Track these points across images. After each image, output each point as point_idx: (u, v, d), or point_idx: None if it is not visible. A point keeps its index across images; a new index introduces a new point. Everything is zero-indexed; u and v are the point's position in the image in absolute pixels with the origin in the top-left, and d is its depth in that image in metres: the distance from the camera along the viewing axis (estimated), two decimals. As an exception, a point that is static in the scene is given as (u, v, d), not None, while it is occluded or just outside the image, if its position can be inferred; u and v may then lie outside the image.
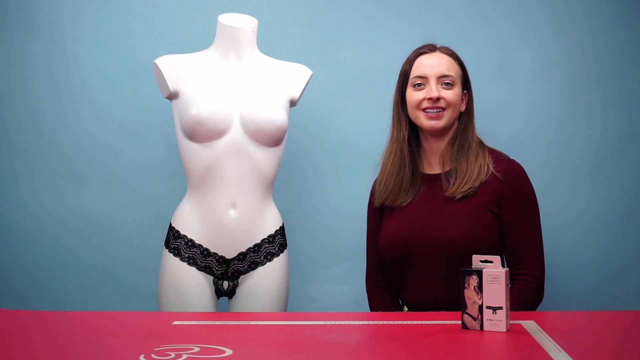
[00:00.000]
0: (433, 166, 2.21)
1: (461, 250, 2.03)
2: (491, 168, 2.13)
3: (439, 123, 2.14)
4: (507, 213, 2.10)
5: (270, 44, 2.47)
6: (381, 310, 2.18)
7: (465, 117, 2.20)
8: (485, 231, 2.08)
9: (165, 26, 2.69)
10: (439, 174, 2.17)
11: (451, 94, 2.14)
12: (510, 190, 2.10)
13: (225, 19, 2.28)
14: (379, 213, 2.25)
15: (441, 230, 2.08)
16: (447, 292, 2.05)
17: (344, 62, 2.71)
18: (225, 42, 2.27)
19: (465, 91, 2.20)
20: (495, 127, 2.61)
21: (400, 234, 2.14)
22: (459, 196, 2.10)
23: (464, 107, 2.20)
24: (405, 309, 2.17)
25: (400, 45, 2.40)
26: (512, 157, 2.20)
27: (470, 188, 2.10)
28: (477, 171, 2.12)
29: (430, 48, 2.19)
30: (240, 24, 2.27)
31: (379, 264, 2.24)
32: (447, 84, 2.14)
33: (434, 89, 2.13)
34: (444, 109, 2.14)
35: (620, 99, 2.68)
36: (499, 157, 2.17)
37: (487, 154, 2.16)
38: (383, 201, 2.21)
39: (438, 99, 2.13)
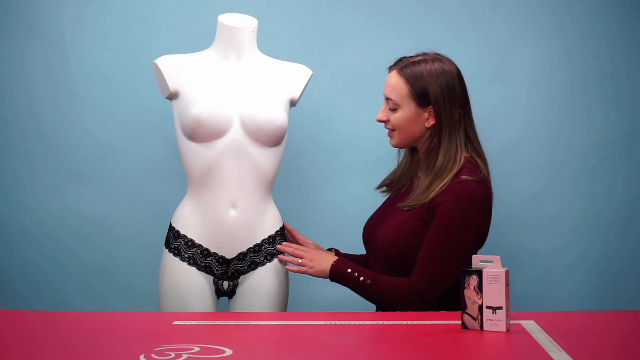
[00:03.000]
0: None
1: (392, 254, 2.11)
2: (442, 189, 2.05)
3: (391, 142, 2.18)
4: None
5: (270, 44, 2.47)
6: None
7: (434, 136, 2.10)
8: (410, 239, 2.08)
9: (165, 26, 2.69)
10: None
11: (394, 118, 2.13)
12: (436, 203, 2.04)
13: (225, 19, 2.28)
14: None
15: (381, 234, 2.15)
16: None
17: (344, 62, 2.71)
18: (225, 42, 2.27)
19: (430, 107, 2.08)
20: (495, 127, 2.61)
21: (366, 226, 2.26)
22: (405, 208, 2.11)
23: (431, 123, 2.09)
24: None
25: (400, 45, 2.39)
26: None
27: (415, 204, 2.09)
28: (431, 195, 2.05)
29: (390, 66, 2.17)
30: (240, 24, 2.27)
31: None
32: (391, 107, 2.14)
33: (380, 111, 2.16)
34: (393, 129, 2.15)
35: (621, 99, 2.68)
36: (460, 178, 2.05)
37: (450, 178, 2.05)
38: (380, 186, 2.29)
39: (382, 121, 2.16)
